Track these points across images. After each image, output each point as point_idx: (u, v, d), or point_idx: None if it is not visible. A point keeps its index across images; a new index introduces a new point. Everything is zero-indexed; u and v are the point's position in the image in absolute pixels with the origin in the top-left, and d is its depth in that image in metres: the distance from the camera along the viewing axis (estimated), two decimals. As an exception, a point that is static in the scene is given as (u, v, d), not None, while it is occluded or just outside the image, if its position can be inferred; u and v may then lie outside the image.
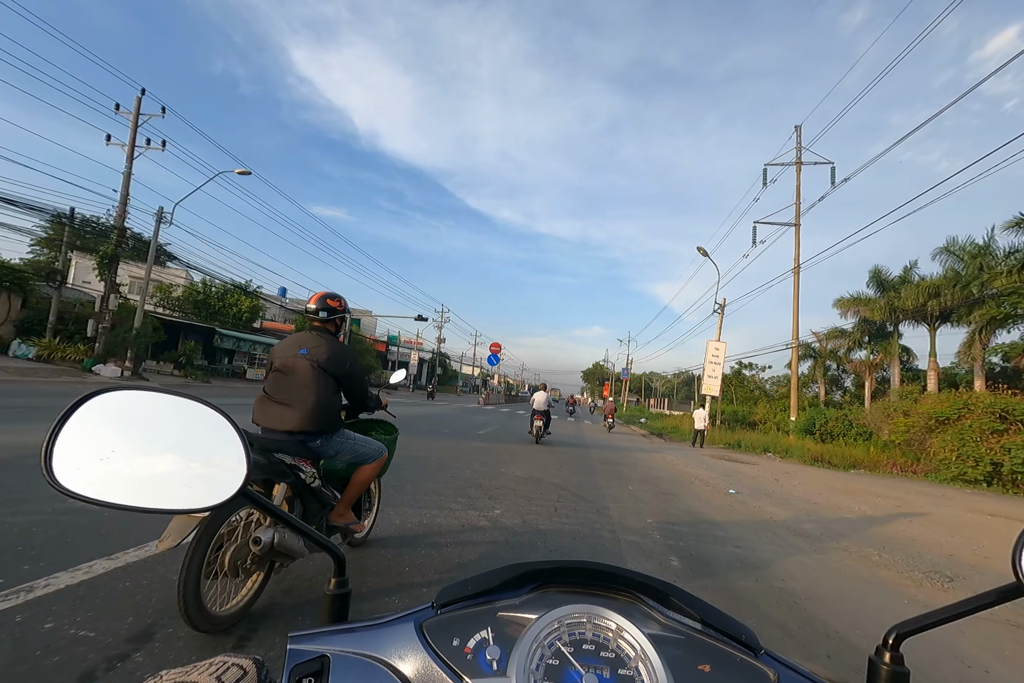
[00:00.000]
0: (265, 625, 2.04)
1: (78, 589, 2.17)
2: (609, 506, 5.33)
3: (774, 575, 3.58)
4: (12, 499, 3.30)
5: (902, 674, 0.53)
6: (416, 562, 2.96)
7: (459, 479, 5.80)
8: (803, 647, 2.47)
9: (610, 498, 5.80)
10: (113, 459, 0.52)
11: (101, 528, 2.94)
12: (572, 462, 8.95)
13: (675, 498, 6.37)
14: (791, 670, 0.54)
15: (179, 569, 1.74)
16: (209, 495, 0.56)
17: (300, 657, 0.50)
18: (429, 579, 2.72)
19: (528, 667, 0.48)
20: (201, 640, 1.86)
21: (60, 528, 2.88)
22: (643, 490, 6.70)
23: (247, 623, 2.03)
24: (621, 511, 5.14)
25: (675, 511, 5.55)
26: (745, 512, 5.93)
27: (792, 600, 3.11)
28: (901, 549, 4.76)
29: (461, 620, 0.55)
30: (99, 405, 0.54)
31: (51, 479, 0.51)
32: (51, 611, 1.96)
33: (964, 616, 0.51)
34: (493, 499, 4.94)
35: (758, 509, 6.21)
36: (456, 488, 5.26)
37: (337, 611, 0.65)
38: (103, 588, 2.21)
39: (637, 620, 0.54)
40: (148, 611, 2.05)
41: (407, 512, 4.05)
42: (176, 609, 1.77)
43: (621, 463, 9.70)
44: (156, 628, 1.92)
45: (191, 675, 0.44)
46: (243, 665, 0.48)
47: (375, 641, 0.53)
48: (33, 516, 3.02)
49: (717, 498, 6.78)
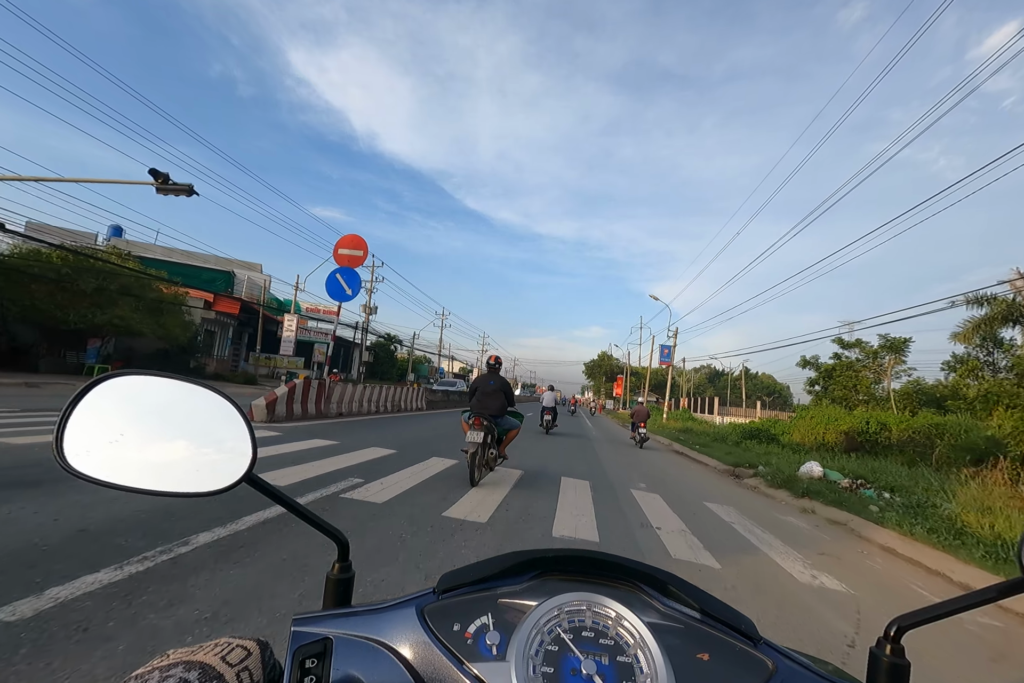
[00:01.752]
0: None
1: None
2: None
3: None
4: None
5: (902, 666, 0.53)
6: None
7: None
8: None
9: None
10: (122, 442, 0.53)
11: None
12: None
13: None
14: (789, 660, 0.54)
15: (470, 463, 5.21)
16: (215, 480, 0.57)
17: (304, 639, 0.51)
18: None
19: (527, 652, 0.48)
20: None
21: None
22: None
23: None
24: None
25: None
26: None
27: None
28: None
29: (462, 606, 0.55)
30: (109, 389, 0.55)
31: (62, 461, 0.52)
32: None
33: (967, 609, 0.51)
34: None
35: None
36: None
37: (340, 595, 0.65)
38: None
39: (636, 608, 0.54)
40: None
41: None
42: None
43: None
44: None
45: (196, 655, 0.45)
46: (247, 646, 0.49)
47: (377, 624, 0.53)
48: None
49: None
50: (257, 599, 2.21)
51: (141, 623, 1.91)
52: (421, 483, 5.18)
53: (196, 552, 2.67)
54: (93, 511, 3.12)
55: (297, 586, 2.38)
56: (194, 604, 2.10)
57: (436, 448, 7.90)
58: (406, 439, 8.81)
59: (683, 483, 8.02)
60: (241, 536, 2.99)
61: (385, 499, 4.28)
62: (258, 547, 2.85)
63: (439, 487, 5.07)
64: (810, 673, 0.53)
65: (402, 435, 9.46)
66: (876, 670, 0.54)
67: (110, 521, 2.99)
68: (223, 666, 0.44)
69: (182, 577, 2.35)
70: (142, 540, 2.74)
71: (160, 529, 2.94)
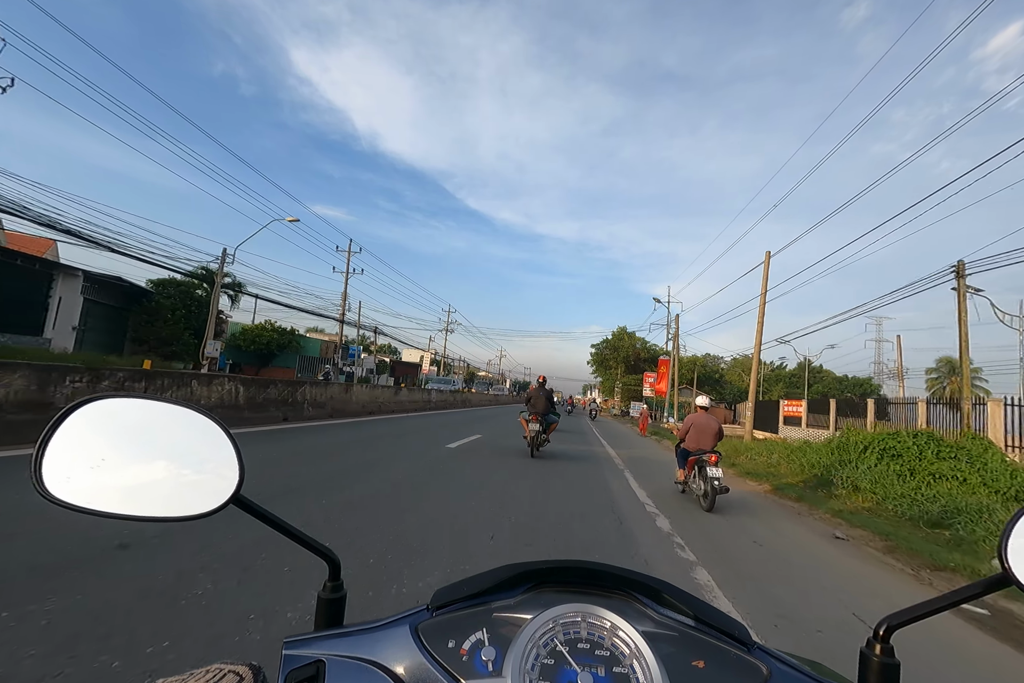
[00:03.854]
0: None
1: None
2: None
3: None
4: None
5: (892, 666, 0.54)
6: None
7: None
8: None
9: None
10: (104, 467, 0.52)
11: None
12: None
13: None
14: (783, 664, 0.54)
15: (530, 443, 8.79)
16: (201, 503, 0.55)
17: (295, 662, 0.50)
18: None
19: (523, 667, 0.48)
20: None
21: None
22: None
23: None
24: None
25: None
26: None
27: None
28: None
29: (456, 621, 0.55)
30: (89, 413, 0.54)
31: (40, 489, 0.50)
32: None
33: (953, 607, 0.52)
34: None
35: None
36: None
37: (332, 615, 0.64)
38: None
39: (631, 618, 0.54)
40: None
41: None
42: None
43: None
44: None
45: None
46: (239, 672, 0.48)
47: (370, 644, 0.53)
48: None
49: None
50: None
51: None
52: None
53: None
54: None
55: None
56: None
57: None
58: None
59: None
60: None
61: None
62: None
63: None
64: (803, 676, 0.53)
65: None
66: (866, 670, 0.55)
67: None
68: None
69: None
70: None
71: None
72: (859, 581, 3.84)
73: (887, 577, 4.05)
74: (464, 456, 8.16)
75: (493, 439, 11.32)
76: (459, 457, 8.01)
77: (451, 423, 15.04)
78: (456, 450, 8.80)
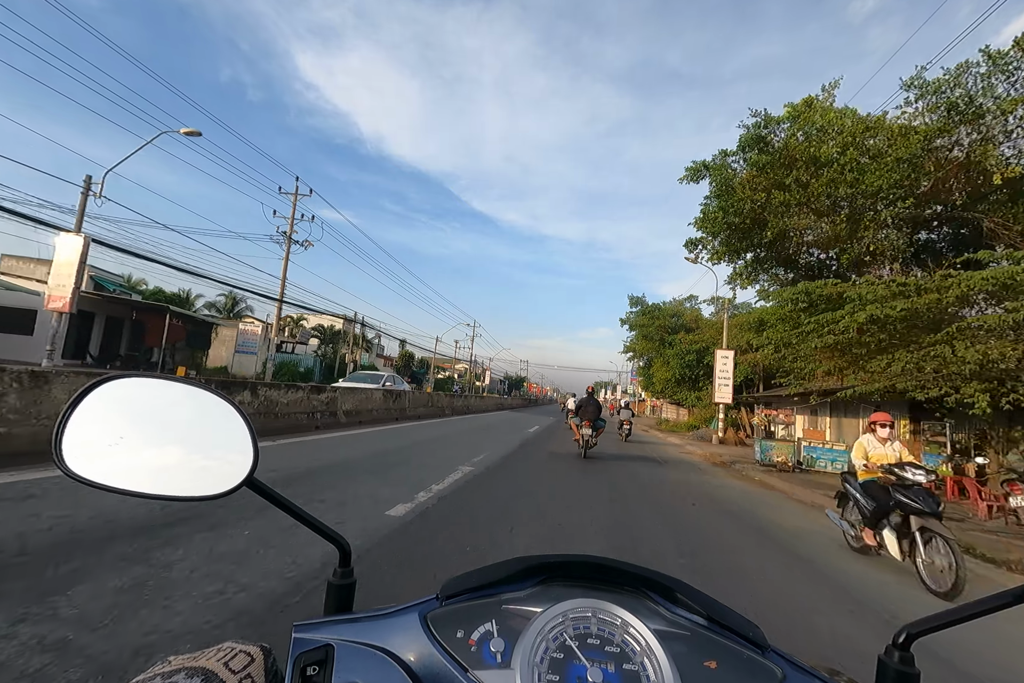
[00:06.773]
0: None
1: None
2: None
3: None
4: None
5: (912, 675, 0.52)
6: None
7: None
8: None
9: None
10: (122, 445, 0.53)
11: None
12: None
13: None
14: (798, 668, 0.53)
15: (582, 445, 10.01)
16: (215, 484, 0.56)
17: (305, 645, 0.50)
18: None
19: (532, 660, 0.47)
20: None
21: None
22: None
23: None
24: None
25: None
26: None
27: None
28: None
29: (466, 612, 0.54)
30: (109, 392, 0.54)
31: (61, 464, 0.51)
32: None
33: (978, 617, 0.50)
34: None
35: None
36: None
37: (342, 601, 0.65)
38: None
39: (643, 615, 0.53)
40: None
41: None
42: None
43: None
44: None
45: (199, 661, 0.44)
46: (250, 652, 0.48)
47: (379, 631, 0.53)
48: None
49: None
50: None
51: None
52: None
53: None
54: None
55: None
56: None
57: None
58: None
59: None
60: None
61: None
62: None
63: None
64: (819, 682, 0.52)
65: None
66: (884, 679, 0.53)
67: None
68: (226, 672, 0.44)
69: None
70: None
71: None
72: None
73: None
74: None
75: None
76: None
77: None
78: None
